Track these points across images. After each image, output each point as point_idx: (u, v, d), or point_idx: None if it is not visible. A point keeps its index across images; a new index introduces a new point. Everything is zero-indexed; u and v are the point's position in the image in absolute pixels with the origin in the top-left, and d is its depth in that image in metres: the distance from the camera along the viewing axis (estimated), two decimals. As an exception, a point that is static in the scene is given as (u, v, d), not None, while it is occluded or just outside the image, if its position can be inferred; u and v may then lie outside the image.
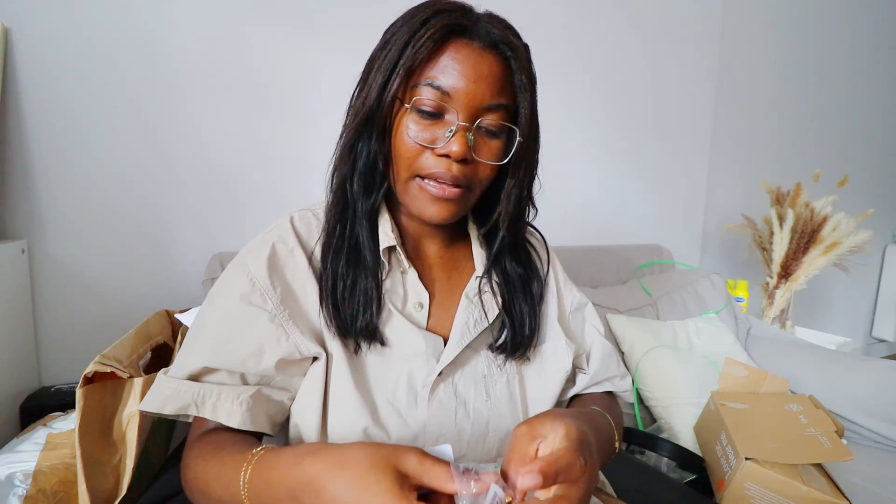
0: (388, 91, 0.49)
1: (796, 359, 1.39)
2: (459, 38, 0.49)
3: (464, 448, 0.56)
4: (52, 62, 1.07)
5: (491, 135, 0.51)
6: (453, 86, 0.48)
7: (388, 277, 0.56)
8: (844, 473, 0.94)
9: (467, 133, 0.49)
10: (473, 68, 0.48)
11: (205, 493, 0.45)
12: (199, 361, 0.49)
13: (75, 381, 0.46)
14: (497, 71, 0.49)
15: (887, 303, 2.89)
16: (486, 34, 0.49)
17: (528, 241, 0.65)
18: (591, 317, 0.68)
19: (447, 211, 0.52)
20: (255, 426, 0.50)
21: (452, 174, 0.50)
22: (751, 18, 2.10)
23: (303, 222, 0.57)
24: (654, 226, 2.00)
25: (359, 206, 0.54)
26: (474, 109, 0.49)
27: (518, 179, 0.55)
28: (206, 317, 0.53)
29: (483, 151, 0.51)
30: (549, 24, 1.66)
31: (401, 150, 0.51)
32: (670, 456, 0.99)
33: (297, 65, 1.30)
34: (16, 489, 0.70)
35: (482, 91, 0.49)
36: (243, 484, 0.41)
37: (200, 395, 0.49)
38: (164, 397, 0.49)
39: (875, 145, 2.70)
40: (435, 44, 0.48)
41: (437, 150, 0.49)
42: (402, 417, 0.53)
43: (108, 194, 1.14)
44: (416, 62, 0.48)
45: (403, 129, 0.50)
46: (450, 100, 0.49)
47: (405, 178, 0.52)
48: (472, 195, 0.54)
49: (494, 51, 0.49)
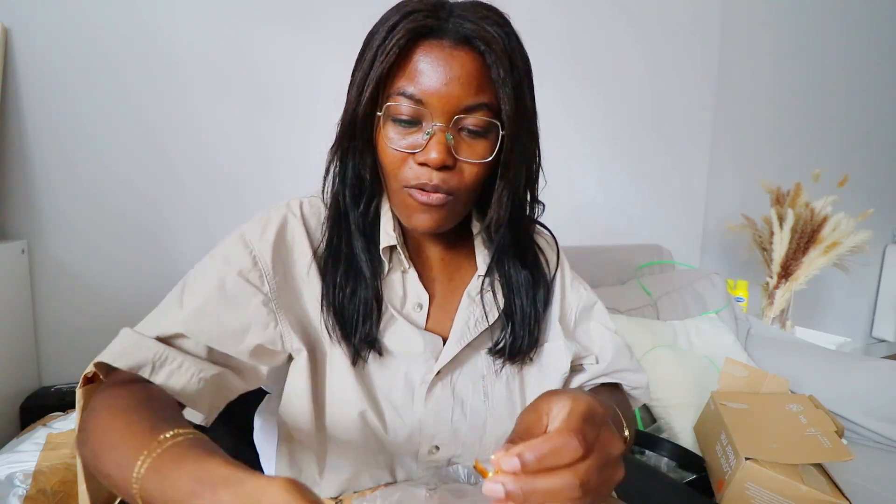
0: (362, 105, 0.48)
1: (796, 359, 1.39)
2: (428, 40, 0.47)
3: (460, 448, 0.55)
4: (52, 62, 1.07)
5: (474, 135, 0.49)
6: (425, 90, 0.46)
7: (389, 276, 0.55)
8: (844, 473, 0.94)
9: (446, 135, 0.47)
10: (444, 70, 0.46)
11: (97, 455, 0.37)
12: (177, 326, 0.46)
13: (75, 381, 0.45)
14: (472, 68, 0.47)
15: (887, 303, 2.89)
16: (455, 31, 0.46)
17: (537, 243, 0.63)
18: (600, 315, 0.66)
19: (433, 220, 0.50)
20: (197, 408, 0.46)
21: (434, 183, 0.48)
22: (751, 18, 2.10)
23: (313, 211, 0.56)
24: (654, 226, 2.00)
25: (352, 217, 0.54)
26: (451, 112, 0.47)
27: (508, 180, 0.52)
28: (196, 283, 0.50)
29: (466, 153, 0.49)
30: (549, 24, 1.66)
31: (384, 161, 0.50)
32: (670, 456, 0.99)
33: (297, 64, 1.30)
34: (16, 489, 0.70)
35: (456, 92, 0.46)
36: (138, 471, 0.32)
37: (162, 357, 0.44)
38: (122, 349, 0.44)
39: (875, 145, 2.70)
40: (401, 50, 0.46)
41: (417, 156, 0.48)
42: (397, 412, 0.53)
43: (108, 194, 1.14)
44: (384, 73, 0.47)
45: (384, 140, 0.49)
46: (424, 106, 0.47)
47: (395, 188, 0.51)
48: (458, 203, 0.51)
49: (467, 47, 0.47)
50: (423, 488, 0.50)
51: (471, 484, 0.54)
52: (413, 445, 0.54)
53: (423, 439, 0.54)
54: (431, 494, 0.49)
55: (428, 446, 0.55)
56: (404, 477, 0.56)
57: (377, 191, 0.54)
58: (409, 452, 0.55)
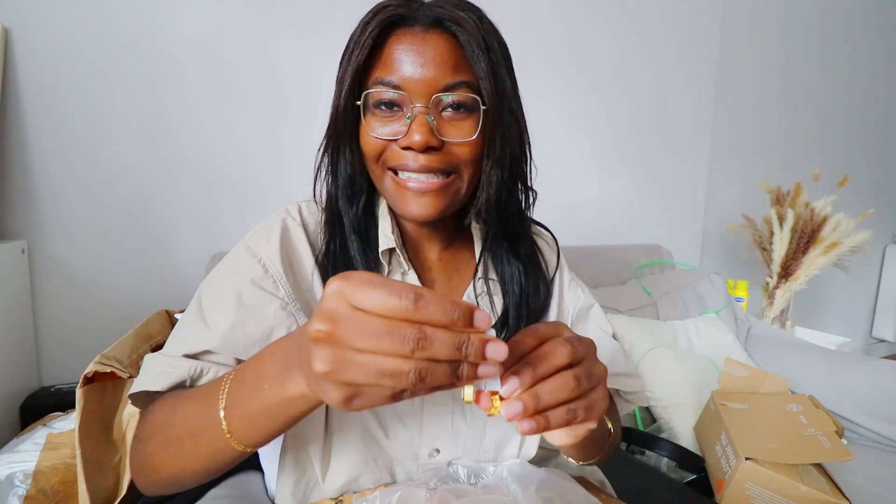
0: (342, 98, 0.49)
1: (796, 359, 1.39)
2: (399, 28, 0.48)
3: (460, 450, 0.55)
4: (52, 62, 1.07)
5: (457, 113, 0.48)
6: (402, 75, 0.47)
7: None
8: (844, 473, 0.94)
9: (427, 117, 0.47)
10: (418, 53, 0.46)
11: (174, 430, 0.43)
12: (204, 344, 0.48)
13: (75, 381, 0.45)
14: (446, 49, 0.47)
15: (887, 303, 2.89)
16: (426, 16, 0.47)
17: (536, 244, 0.62)
18: (597, 318, 0.65)
19: (432, 206, 0.49)
20: None
21: (420, 164, 0.48)
22: (751, 18, 2.10)
23: (311, 215, 0.56)
24: (654, 226, 2.00)
25: (346, 220, 0.54)
26: (428, 94, 0.47)
27: (495, 159, 0.51)
28: (213, 300, 0.51)
29: (452, 133, 0.48)
30: (549, 24, 1.66)
31: (366, 149, 0.50)
32: (670, 456, 0.99)
33: (297, 64, 1.30)
34: (16, 489, 0.70)
35: (433, 74, 0.46)
36: (222, 397, 0.40)
37: (197, 371, 0.47)
38: (156, 373, 0.47)
39: (875, 145, 2.69)
40: (375, 41, 0.47)
41: (399, 141, 0.48)
42: (398, 417, 0.53)
43: (108, 194, 1.14)
44: (360, 65, 0.47)
45: (364, 130, 0.50)
46: (401, 90, 0.47)
47: (379, 174, 0.51)
48: (460, 182, 0.51)
49: (439, 28, 0.47)
50: (423, 488, 0.50)
51: (471, 484, 0.54)
52: (413, 448, 0.54)
53: (424, 442, 0.54)
54: (431, 494, 0.49)
55: (428, 449, 0.55)
56: (404, 478, 0.56)
57: (371, 190, 0.54)
58: (410, 455, 0.55)
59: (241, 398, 0.39)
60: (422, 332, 0.28)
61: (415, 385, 0.28)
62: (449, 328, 0.29)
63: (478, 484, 0.54)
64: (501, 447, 0.58)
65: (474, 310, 0.30)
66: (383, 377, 0.28)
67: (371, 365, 0.28)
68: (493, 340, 0.30)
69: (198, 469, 0.43)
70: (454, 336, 0.29)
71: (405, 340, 0.27)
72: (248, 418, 0.38)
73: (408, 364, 0.28)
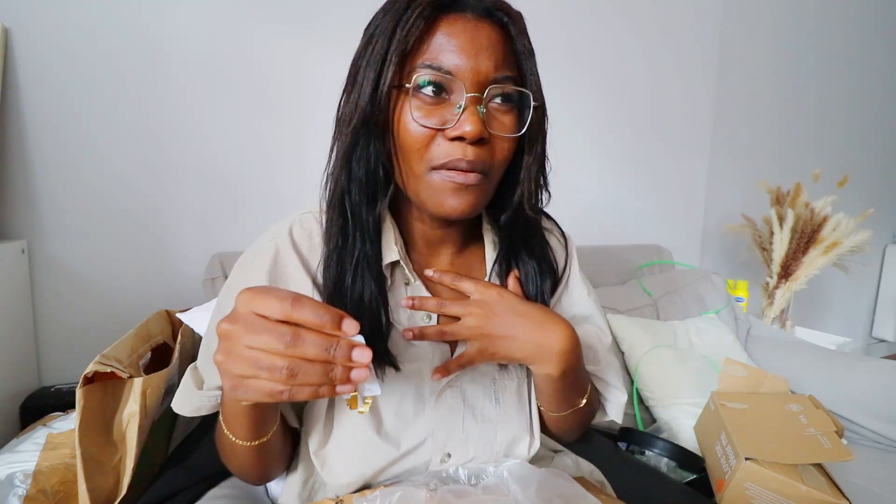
0: (383, 83, 0.45)
1: (796, 359, 1.39)
2: (450, 13, 0.45)
3: (471, 453, 0.55)
4: (52, 62, 1.07)
5: (503, 106, 0.47)
6: (455, 63, 0.44)
7: (395, 288, 0.54)
8: (844, 473, 0.94)
9: (479, 107, 0.44)
10: (471, 41, 0.44)
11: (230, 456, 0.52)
12: (217, 381, 0.50)
13: (75, 381, 0.46)
14: (497, 40, 0.46)
15: (887, 303, 2.89)
16: (476, 3, 0.45)
17: (548, 242, 0.62)
18: (596, 326, 0.64)
19: (468, 203, 0.47)
20: (289, 419, 0.55)
21: (469, 160, 0.45)
22: (751, 18, 2.10)
23: (304, 233, 0.53)
24: (654, 226, 2.00)
25: (361, 217, 0.49)
26: (482, 84, 0.45)
27: (536, 156, 0.50)
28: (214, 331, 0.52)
29: (497, 127, 0.47)
30: (549, 24, 1.66)
31: (408, 141, 0.46)
32: (670, 456, 0.99)
33: (298, 64, 1.30)
34: (16, 489, 0.70)
35: (486, 64, 0.44)
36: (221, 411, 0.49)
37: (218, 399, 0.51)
38: (193, 409, 0.52)
39: (875, 145, 2.69)
40: (426, 22, 0.44)
41: (449, 131, 0.45)
42: (408, 426, 0.53)
43: (108, 194, 1.14)
44: (409, 45, 0.44)
45: (406, 118, 0.45)
46: (454, 77, 0.44)
47: (420, 172, 0.47)
48: (490, 183, 0.49)
49: (490, 19, 0.46)
50: (424, 488, 0.50)
51: (471, 485, 0.54)
52: (426, 455, 0.54)
53: (436, 447, 0.54)
54: (432, 495, 0.48)
55: (440, 454, 0.54)
56: (407, 477, 0.56)
57: (389, 185, 0.51)
58: (422, 463, 0.54)
59: (224, 407, 0.47)
60: (295, 333, 0.32)
61: (287, 380, 0.32)
62: (320, 331, 0.33)
63: (478, 484, 0.54)
64: (511, 448, 0.57)
65: (343, 316, 0.33)
66: (260, 370, 0.33)
67: (252, 359, 0.33)
68: (359, 346, 0.34)
69: (263, 469, 0.53)
70: (323, 338, 0.33)
71: (280, 338, 0.32)
72: (228, 420, 0.46)
73: (282, 360, 0.32)
